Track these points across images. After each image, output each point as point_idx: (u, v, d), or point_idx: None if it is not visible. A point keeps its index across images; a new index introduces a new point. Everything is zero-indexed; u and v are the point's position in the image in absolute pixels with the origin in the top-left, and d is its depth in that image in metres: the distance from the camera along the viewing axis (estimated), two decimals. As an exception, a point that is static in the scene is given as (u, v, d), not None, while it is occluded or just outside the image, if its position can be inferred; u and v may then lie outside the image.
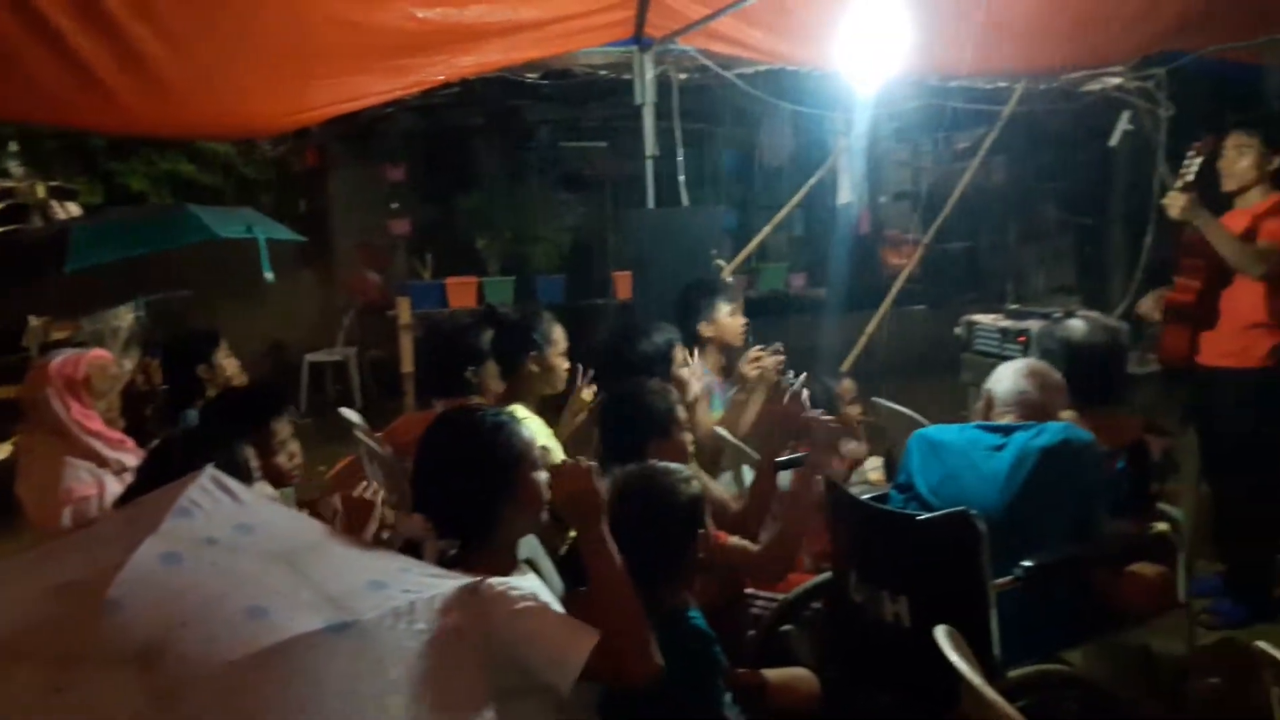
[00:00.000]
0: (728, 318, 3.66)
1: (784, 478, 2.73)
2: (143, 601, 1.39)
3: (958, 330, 4.68)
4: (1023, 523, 2.27)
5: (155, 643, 1.34)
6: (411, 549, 1.85)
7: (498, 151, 8.60)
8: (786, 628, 2.72)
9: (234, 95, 4.07)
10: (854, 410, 3.46)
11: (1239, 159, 3.50)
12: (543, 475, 1.98)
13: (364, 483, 2.40)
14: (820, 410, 3.34)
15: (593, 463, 1.94)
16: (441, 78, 4.27)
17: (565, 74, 5.29)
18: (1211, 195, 3.57)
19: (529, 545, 2.24)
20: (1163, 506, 3.21)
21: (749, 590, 2.78)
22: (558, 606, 1.87)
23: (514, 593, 1.74)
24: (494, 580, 1.75)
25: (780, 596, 2.75)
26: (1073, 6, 4.44)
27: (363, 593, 1.51)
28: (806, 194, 6.43)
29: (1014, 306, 4.75)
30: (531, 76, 5.29)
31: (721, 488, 3.07)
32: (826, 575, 2.71)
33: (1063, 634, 2.35)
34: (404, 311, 7.04)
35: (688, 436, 2.66)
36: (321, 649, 1.38)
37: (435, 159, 8.45)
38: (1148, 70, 4.81)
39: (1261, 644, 1.69)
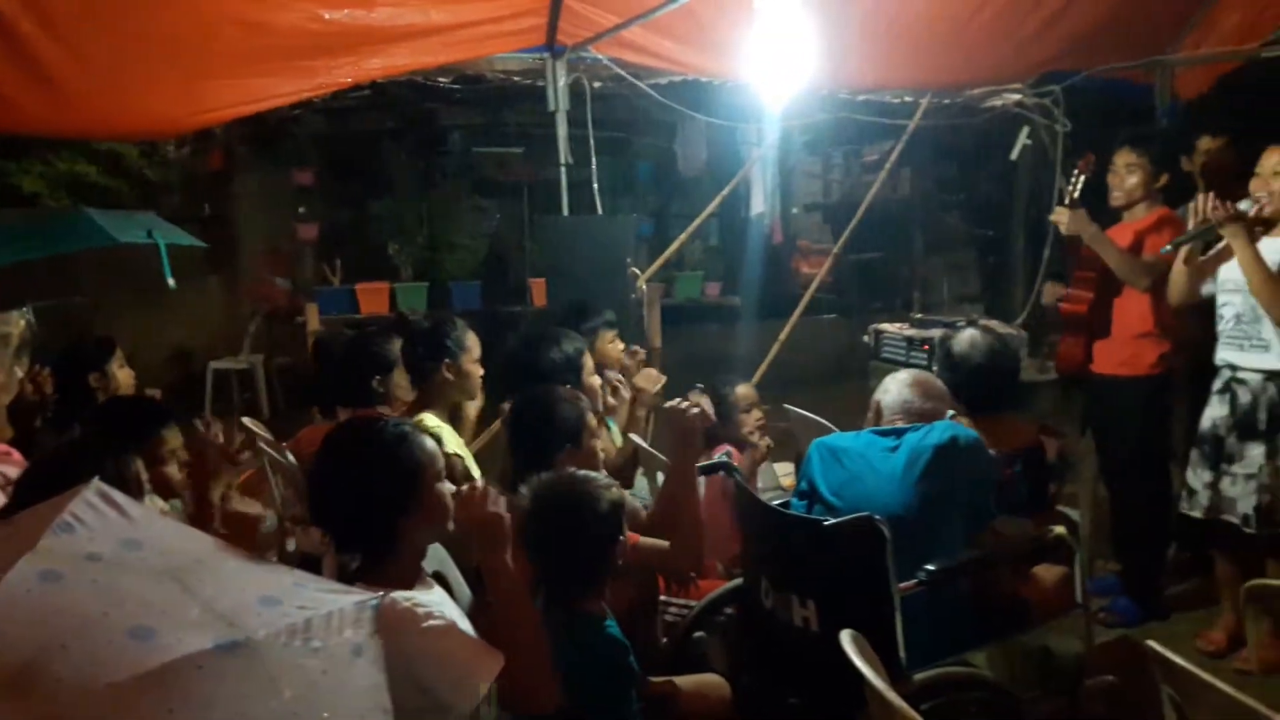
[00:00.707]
0: (607, 345, 3.64)
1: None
2: (18, 623, 1.31)
3: (866, 338, 4.78)
4: (922, 518, 2.37)
5: (32, 667, 1.26)
6: (310, 563, 1.79)
7: (410, 156, 8.49)
8: (699, 634, 2.74)
9: (132, 95, 3.95)
10: (753, 416, 3.49)
11: (1128, 176, 3.64)
12: (447, 486, 1.94)
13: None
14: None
15: (492, 487, 1.90)
16: (349, 80, 4.19)
17: (478, 79, 5.24)
18: (1102, 207, 3.72)
19: (437, 557, 2.21)
20: (1061, 508, 3.32)
21: (663, 597, 2.78)
22: (464, 622, 1.84)
23: (420, 610, 1.70)
24: (398, 595, 1.71)
25: (693, 603, 2.76)
26: (973, 25, 4.59)
27: (255, 609, 1.45)
28: (722, 204, 6.48)
29: (919, 315, 4.87)
30: (444, 81, 5.23)
31: (630, 495, 3.06)
32: (738, 581, 2.73)
33: (966, 635, 2.41)
34: (312, 318, 6.91)
35: (599, 444, 2.64)
36: (210, 669, 1.32)
37: (345, 163, 8.31)
38: (1045, 87, 5.00)
39: (1152, 643, 1.74)
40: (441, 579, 2.10)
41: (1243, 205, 3.15)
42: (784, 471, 3.98)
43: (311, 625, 1.46)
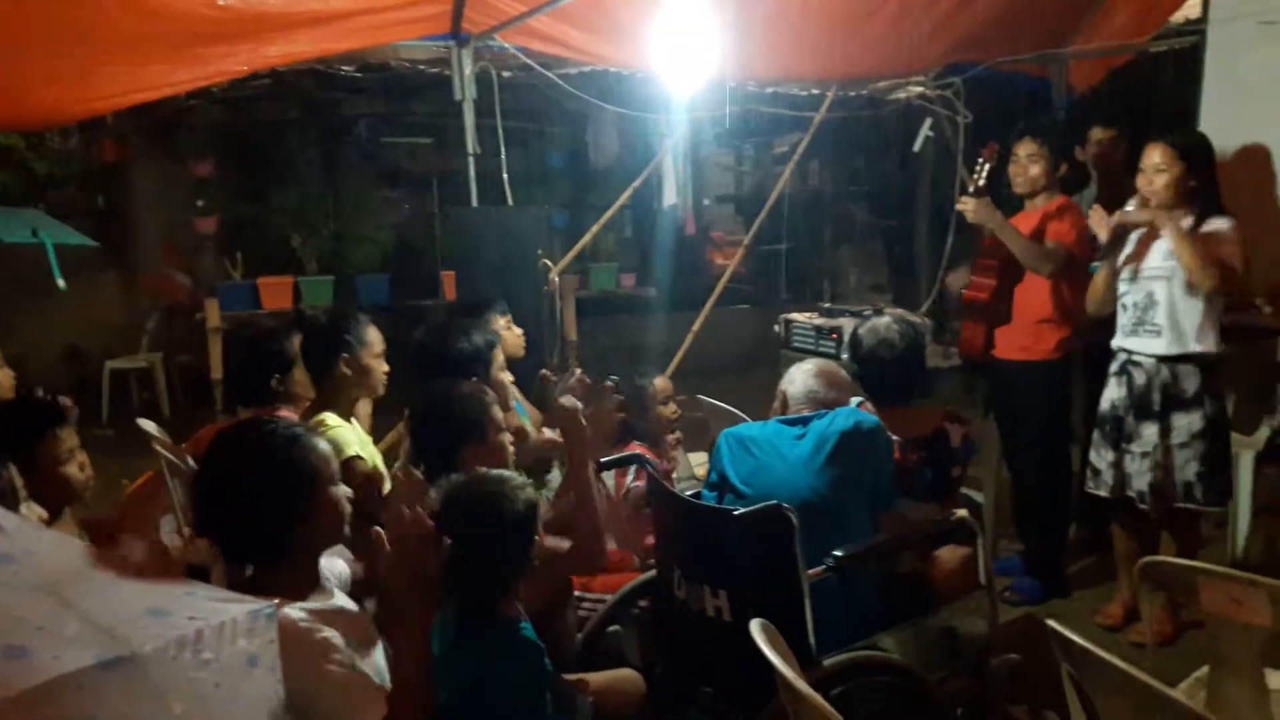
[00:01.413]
0: (505, 330, 3.60)
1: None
2: (-122, 646, 1.23)
3: (777, 328, 4.83)
4: (829, 503, 2.41)
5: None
6: (199, 575, 1.71)
7: (314, 146, 8.27)
8: (614, 628, 2.72)
9: (14, 82, 3.75)
10: (669, 409, 3.50)
11: (1030, 166, 3.73)
12: (343, 491, 1.86)
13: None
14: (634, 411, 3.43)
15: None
16: (245, 68, 4.06)
17: (383, 67, 5.13)
18: (1004, 195, 3.81)
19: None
20: (966, 491, 3.40)
21: (576, 592, 2.75)
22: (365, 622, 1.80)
23: (318, 635, 1.64)
24: (293, 610, 1.64)
25: (607, 598, 2.74)
26: (878, 18, 4.68)
27: (141, 622, 1.38)
28: (635, 196, 6.48)
29: (827, 305, 4.94)
30: (347, 69, 5.11)
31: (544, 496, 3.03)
32: (652, 574, 2.73)
33: (874, 619, 2.45)
34: (213, 314, 6.69)
35: (506, 439, 2.59)
36: (92, 687, 1.25)
37: (246, 154, 8.05)
38: (947, 79, 5.11)
39: (1051, 621, 1.78)
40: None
41: (1130, 205, 3.26)
42: (698, 461, 4.00)
43: (203, 636, 1.40)
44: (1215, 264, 3.11)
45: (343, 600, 1.88)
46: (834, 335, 4.28)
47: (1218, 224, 3.18)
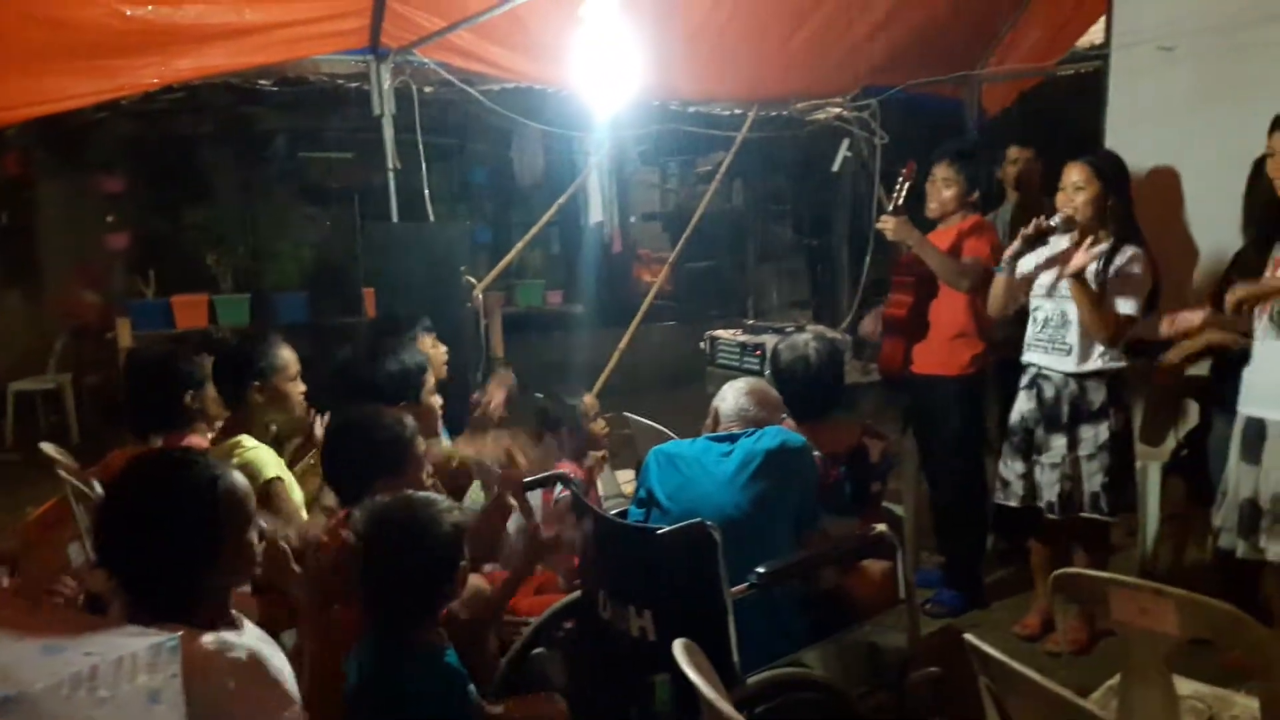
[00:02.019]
0: (431, 349, 3.55)
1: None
2: None
3: (702, 344, 4.85)
4: (753, 519, 2.43)
5: None
6: (100, 605, 1.63)
7: (231, 161, 8.08)
8: (538, 651, 2.69)
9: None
10: (598, 426, 3.49)
11: (945, 189, 3.82)
12: (257, 530, 1.77)
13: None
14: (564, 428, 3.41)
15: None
16: (156, 81, 3.93)
17: (301, 81, 5.03)
18: (922, 214, 3.90)
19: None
20: (886, 505, 3.45)
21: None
22: (279, 660, 1.73)
23: (229, 655, 1.58)
24: (205, 638, 1.58)
25: (531, 620, 2.71)
26: (795, 40, 4.77)
27: (34, 660, 1.31)
28: (562, 213, 6.46)
29: (751, 321, 4.98)
30: (264, 83, 5.00)
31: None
32: (577, 594, 2.70)
33: (798, 636, 2.46)
34: (124, 333, 6.49)
35: (426, 473, 2.51)
36: (-23, 730, 1.19)
37: (159, 168, 7.82)
38: (863, 101, 5.22)
39: (967, 635, 1.81)
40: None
41: (1053, 221, 3.35)
42: (625, 479, 3.98)
43: (99, 673, 1.34)
44: (1112, 320, 3.23)
45: (253, 634, 1.80)
46: (758, 352, 4.32)
47: (1128, 258, 3.27)
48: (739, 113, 5.49)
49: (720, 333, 4.74)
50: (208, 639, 1.60)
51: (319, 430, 2.92)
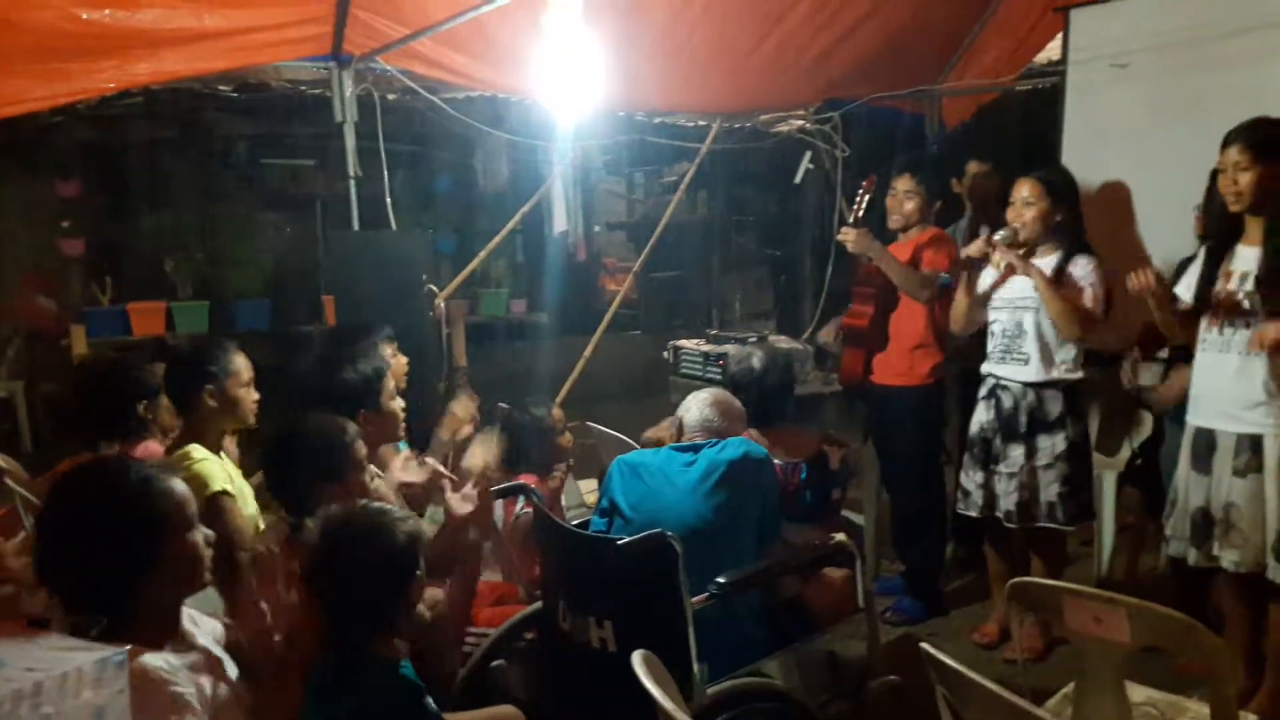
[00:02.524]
0: (392, 359, 3.53)
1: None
2: None
3: (666, 354, 4.86)
4: (715, 529, 2.45)
5: None
6: (42, 627, 1.59)
7: (191, 167, 7.95)
8: (498, 662, 2.67)
9: None
10: (565, 439, 3.48)
11: (906, 201, 3.86)
12: (201, 534, 1.74)
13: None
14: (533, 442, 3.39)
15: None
16: (112, 85, 3.86)
17: (263, 87, 4.98)
18: (882, 226, 3.94)
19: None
20: (846, 514, 3.48)
21: (458, 627, 2.69)
22: (229, 667, 1.70)
23: (171, 685, 1.55)
24: (148, 658, 1.55)
25: (491, 631, 2.69)
26: (759, 54, 4.81)
27: (-26, 676, 1.29)
28: (527, 221, 6.45)
29: (714, 331, 5.01)
30: (225, 89, 4.94)
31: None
32: (537, 605, 2.69)
33: (758, 645, 2.47)
34: (79, 340, 6.38)
35: (370, 478, 2.47)
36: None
37: (116, 174, 7.68)
38: (826, 114, 5.27)
39: (924, 644, 1.82)
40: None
41: (1000, 235, 3.40)
42: (588, 489, 3.98)
43: (42, 689, 1.31)
44: (1079, 313, 3.26)
45: (205, 652, 1.77)
46: (720, 361, 4.34)
47: (1082, 266, 3.32)
48: (704, 124, 5.52)
49: (684, 342, 4.76)
50: (149, 661, 1.56)
51: None
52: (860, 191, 3.83)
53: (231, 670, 1.79)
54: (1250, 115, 2.85)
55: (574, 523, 2.86)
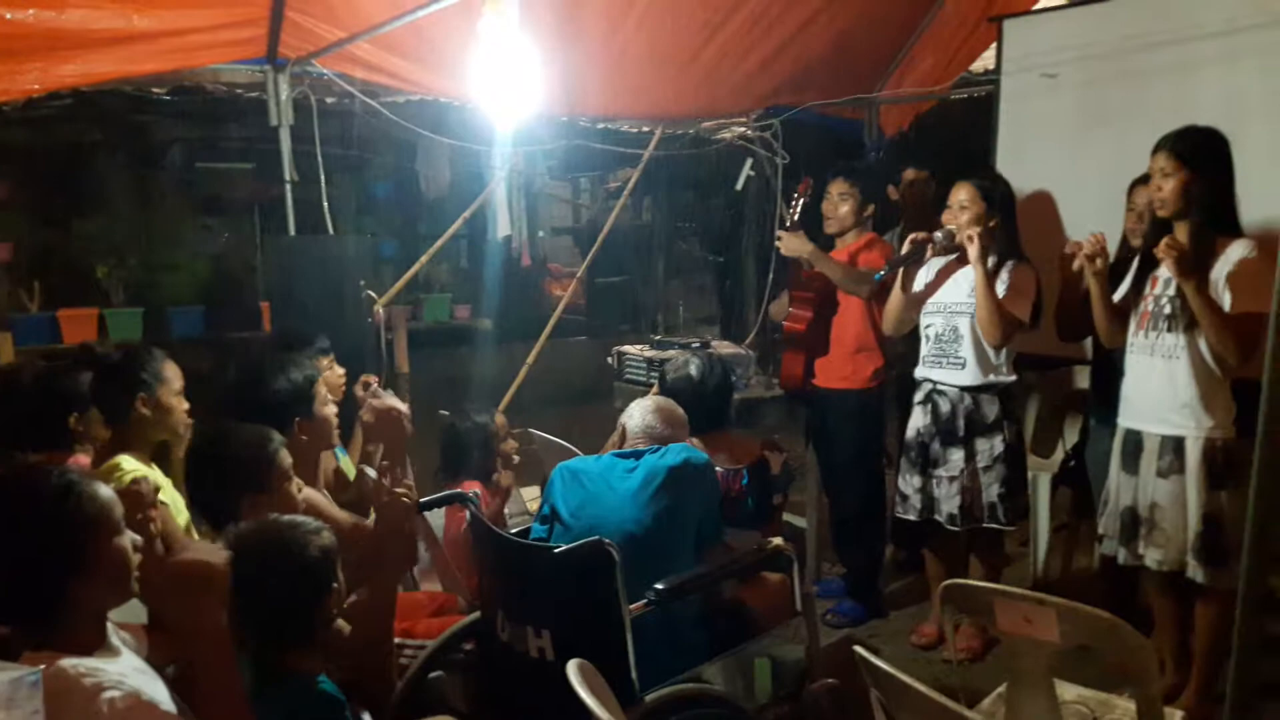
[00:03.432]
0: (327, 370, 3.48)
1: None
2: None
3: (610, 360, 4.85)
4: (655, 535, 2.45)
5: None
6: None
7: (123, 171, 7.79)
8: (436, 674, 2.64)
9: None
10: (510, 446, 3.45)
11: (841, 204, 3.91)
12: (129, 540, 1.70)
13: None
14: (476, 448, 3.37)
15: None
16: (37, 87, 3.75)
17: (198, 90, 4.88)
18: (818, 229, 3.98)
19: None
20: (788, 518, 3.50)
21: (396, 640, 2.65)
22: (157, 689, 1.66)
23: (94, 680, 1.51)
24: (68, 662, 1.51)
25: (428, 643, 2.65)
26: (699, 60, 4.83)
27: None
28: (471, 227, 6.40)
29: (658, 337, 5.02)
30: (158, 91, 4.84)
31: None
32: (475, 615, 2.66)
33: (698, 651, 2.47)
34: (5, 348, 6.18)
35: (296, 488, 2.43)
36: None
37: (45, 177, 7.49)
38: (766, 121, 5.31)
39: (858, 648, 1.84)
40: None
41: (937, 236, 3.45)
42: (530, 496, 3.96)
43: (-50, 713, 1.26)
44: (1004, 317, 3.32)
45: (132, 663, 1.73)
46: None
47: (1014, 271, 3.38)
48: (647, 130, 5.53)
49: (628, 348, 4.76)
50: (77, 667, 1.52)
51: None
52: (796, 195, 3.87)
53: (159, 685, 1.74)
54: (1175, 125, 2.93)
55: (515, 530, 2.84)
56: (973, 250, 3.31)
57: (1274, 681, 3.14)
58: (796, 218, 3.83)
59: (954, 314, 3.46)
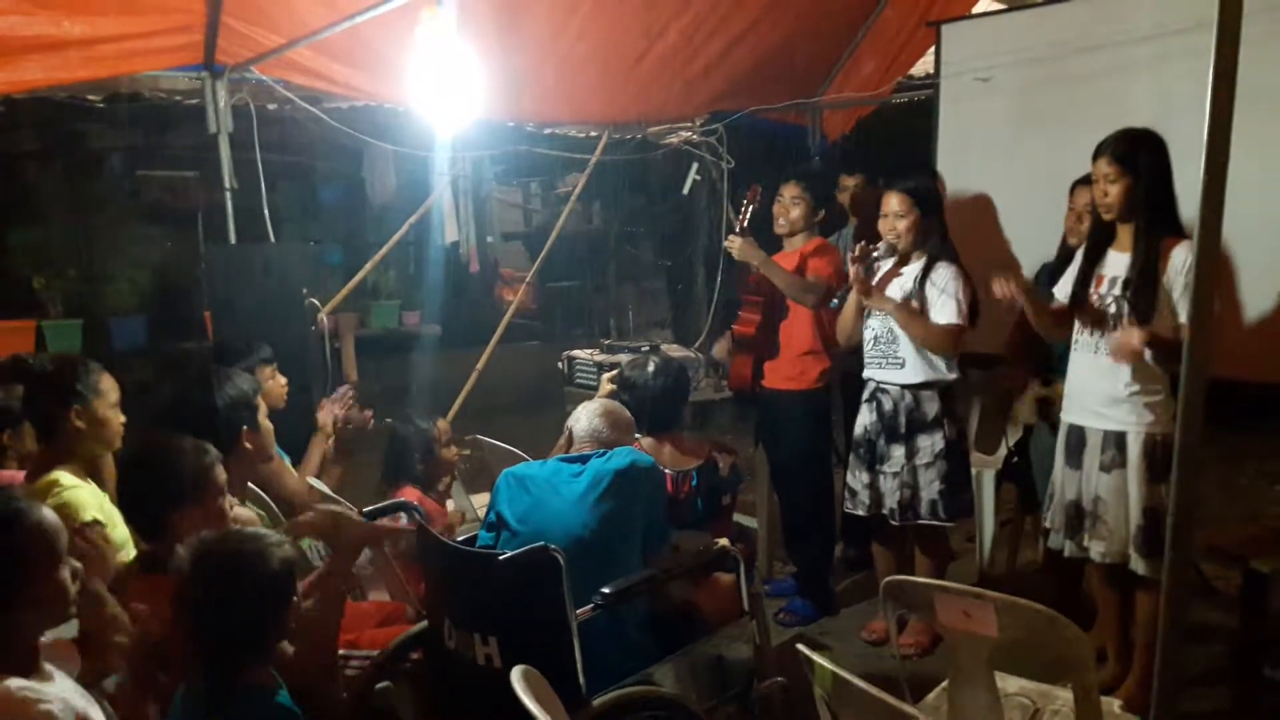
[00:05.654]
0: (270, 380, 3.43)
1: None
2: None
3: (560, 365, 4.85)
4: (602, 538, 2.45)
5: None
6: None
7: (60, 179, 7.60)
8: (384, 684, 2.61)
9: None
10: (450, 452, 3.44)
11: (793, 208, 3.93)
12: (69, 569, 1.66)
13: None
14: (417, 455, 3.35)
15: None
16: (-35, 95, 3.68)
17: (135, 97, 4.80)
18: (767, 234, 4.00)
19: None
20: (739, 518, 3.51)
21: (342, 651, 2.62)
22: (95, 712, 1.63)
23: (40, 705, 1.47)
24: (15, 684, 1.47)
25: (374, 653, 2.63)
26: (643, 66, 4.85)
27: None
28: (418, 233, 6.36)
29: (608, 341, 5.02)
30: (93, 99, 4.74)
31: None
32: (423, 625, 2.64)
33: (646, 653, 2.47)
34: (-63, 364, 6.00)
35: (229, 504, 2.39)
36: None
37: (-23, 187, 7.32)
38: (711, 126, 5.34)
39: (801, 646, 1.85)
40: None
41: (879, 248, 3.49)
42: (480, 503, 3.93)
43: None
44: (942, 332, 3.38)
45: (68, 684, 1.69)
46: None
47: (942, 274, 3.42)
48: (594, 135, 5.54)
49: (578, 353, 4.76)
50: (24, 690, 1.50)
51: None
52: (745, 201, 3.89)
53: (95, 708, 1.71)
54: (1109, 126, 2.98)
55: (463, 538, 2.82)
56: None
57: (1204, 669, 3.26)
58: (745, 223, 3.86)
59: (890, 316, 3.50)
